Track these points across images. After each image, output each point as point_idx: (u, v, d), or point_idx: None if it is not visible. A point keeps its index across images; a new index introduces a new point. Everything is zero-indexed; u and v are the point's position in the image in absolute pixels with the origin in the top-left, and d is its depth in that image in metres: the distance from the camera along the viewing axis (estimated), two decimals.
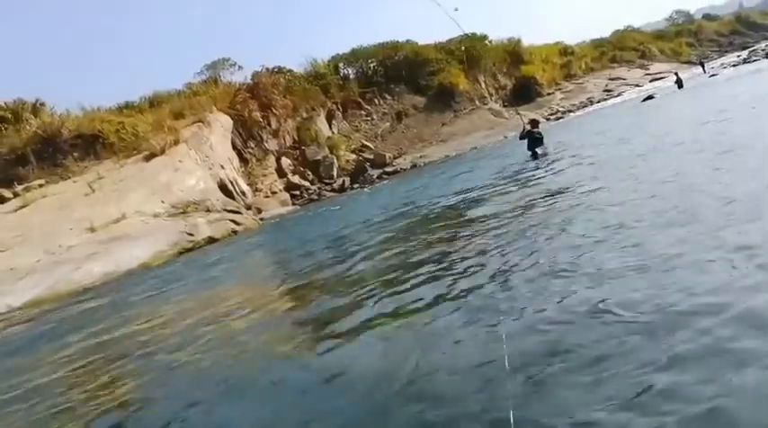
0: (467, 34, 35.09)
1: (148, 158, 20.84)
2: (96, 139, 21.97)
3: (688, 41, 64.46)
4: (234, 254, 13.72)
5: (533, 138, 15.07)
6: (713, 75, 35.24)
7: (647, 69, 52.32)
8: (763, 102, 12.91)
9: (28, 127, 21.84)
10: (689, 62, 54.40)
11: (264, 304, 6.76)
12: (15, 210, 17.69)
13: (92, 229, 15.88)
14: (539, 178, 10.32)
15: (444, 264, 5.83)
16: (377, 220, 11.56)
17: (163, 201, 18.33)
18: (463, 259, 5.83)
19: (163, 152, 20.90)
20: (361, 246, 8.69)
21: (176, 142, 21.65)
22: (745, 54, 46.88)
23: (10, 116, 22.85)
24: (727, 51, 60.45)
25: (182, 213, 18.16)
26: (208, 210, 18.98)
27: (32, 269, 13.76)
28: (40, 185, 19.53)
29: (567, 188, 8.10)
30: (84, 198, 18.17)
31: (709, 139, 8.73)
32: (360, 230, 10.87)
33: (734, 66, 39.59)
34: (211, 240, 17.02)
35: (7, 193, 18.77)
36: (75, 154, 21.47)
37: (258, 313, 6.35)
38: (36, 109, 23.76)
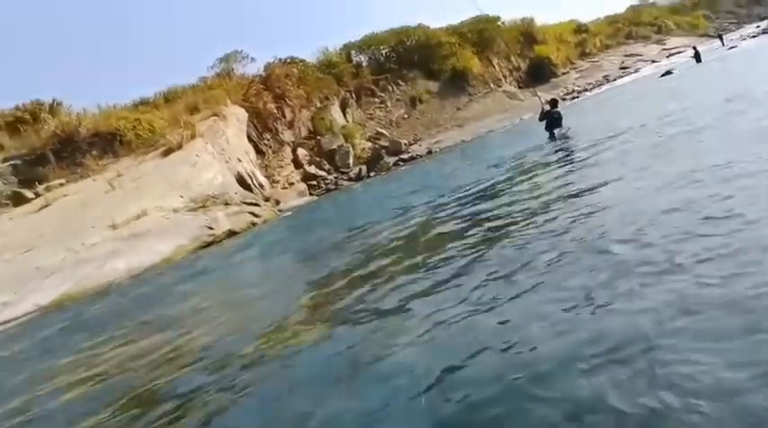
0: (481, 15, 34.77)
1: (166, 154, 20.95)
2: (114, 137, 22.12)
3: (705, 14, 63.17)
4: (254, 247, 13.78)
5: (552, 119, 14.84)
6: (732, 48, 34.54)
7: (664, 44, 51.44)
8: None
9: (46, 127, 22.02)
10: (706, 35, 53.36)
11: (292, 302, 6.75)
12: (38, 210, 17.90)
13: (113, 226, 16.02)
14: (559, 168, 9.71)
15: (474, 269, 5.41)
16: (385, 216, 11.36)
17: (182, 196, 18.43)
18: (489, 267, 5.61)
19: (180, 147, 20.99)
20: (376, 244, 8.58)
21: (193, 137, 21.73)
22: (764, 25, 45.81)
23: (28, 117, 23.09)
24: (745, 23, 59.15)
25: (201, 207, 18.25)
26: (227, 204, 19.06)
27: (57, 268, 13.92)
28: (61, 184, 19.73)
29: (594, 184, 7.07)
30: (104, 195, 18.32)
31: (738, 123, 8.08)
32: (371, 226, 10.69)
33: (753, 37, 38.77)
34: (231, 233, 17.08)
35: (29, 194, 19.00)
36: (94, 152, 21.64)
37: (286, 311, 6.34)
38: (53, 109, 23.96)
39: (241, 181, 21.98)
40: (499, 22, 43.14)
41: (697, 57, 30.37)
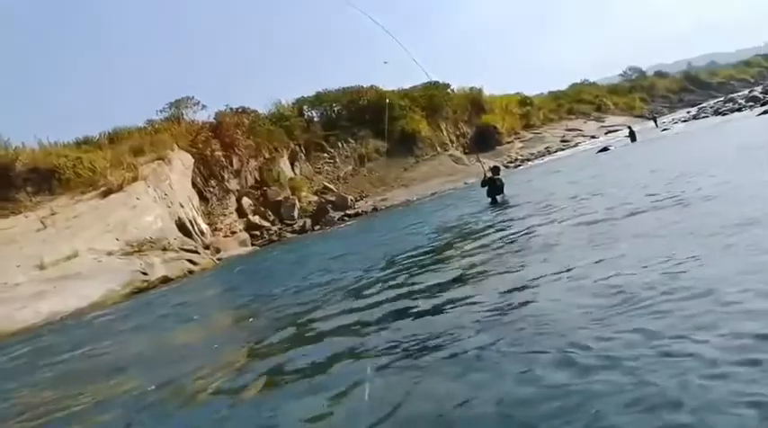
0: (431, 82, 36.08)
1: (105, 195, 20.40)
2: (52, 174, 21.43)
3: (641, 96, 67.33)
4: (186, 297, 13.38)
5: (494, 186, 15.28)
6: (665, 130, 36.64)
7: (603, 122, 54.29)
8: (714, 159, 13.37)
9: None
10: (642, 116, 56.66)
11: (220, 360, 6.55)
12: None
13: (41, 267, 15.35)
14: (494, 241, 9.45)
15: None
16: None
17: (117, 239, 17.89)
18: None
19: (120, 189, 20.50)
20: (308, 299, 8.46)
21: (135, 179, 21.29)
22: (694, 111, 48.98)
23: None
24: (677, 107, 63.26)
25: (137, 252, 17.73)
26: (164, 249, 18.59)
27: None
28: None
29: (520, 266, 6.71)
30: (35, 234, 17.59)
31: (671, 199, 8.29)
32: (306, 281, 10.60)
33: (684, 121, 41.30)
34: (166, 280, 16.63)
35: None
36: (29, 188, 20.86)
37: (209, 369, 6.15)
38: None
39: (182, 226, 21.53)
40: (449, 90, 44.76)
41: (632, 136, 32.07)
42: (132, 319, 11.29)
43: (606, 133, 47.52)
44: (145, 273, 16.38)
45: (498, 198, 15.16)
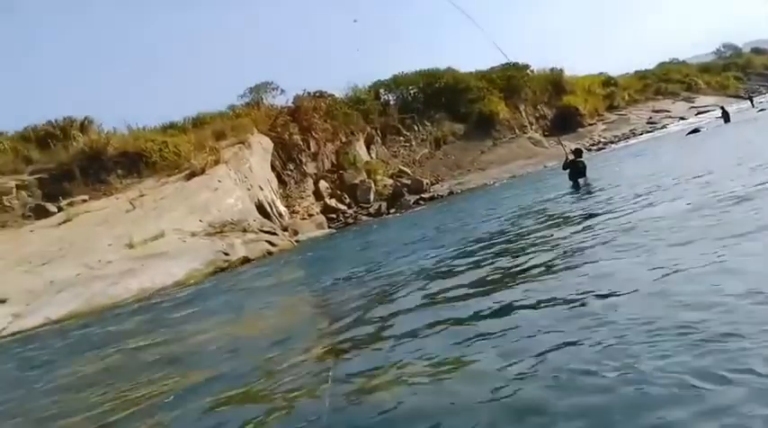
0: (509, 63, 35.21)
1: (189, 177, 21.14)
2: (140, 158, 22.41)
3: (735, 75, 63.14)
4: (266, 278, 13.66)
5: (577, 169, 14.75)
6: (762, 110, 34.33)
7: (693, 102, 51.38)
8: None
9: (75, 144, 22.39)
10: (736, 96, 53.22)
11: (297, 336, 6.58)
12: (58, 225, 18.06)
13: (130, 246, 16.08)
14: (583, 223, 9.31)
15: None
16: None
17: (201, 220, 18.50)
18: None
19: (203, 172, 21.17)
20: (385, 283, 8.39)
21: (217, 162, 21.94)
22: None
23: (59, 133, 23.51)
24: None
25: (219, 232, 18.28)
26: (244, 231, 19.07)
27: (71, 283, 13.95)
28: (84, 201, 19.94)
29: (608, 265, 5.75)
30: (124, 214, 18.46)
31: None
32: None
33: None
34: (246, 260, 17.06)
35: (52, 208, 19.22)
36: (119, 171, 21.90)
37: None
38: (84, 126, 24.39)
39: (261, 209, 22.05)
40: (528, 71, 43.53)
41: (725, 116, 30.22)
42: (217, 298, 11.63)
43: (697, 114, 44.98)
44: (226, 254, 16.85)
45: (581, 181, 14.62)
